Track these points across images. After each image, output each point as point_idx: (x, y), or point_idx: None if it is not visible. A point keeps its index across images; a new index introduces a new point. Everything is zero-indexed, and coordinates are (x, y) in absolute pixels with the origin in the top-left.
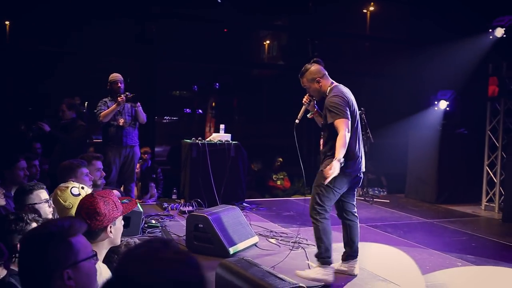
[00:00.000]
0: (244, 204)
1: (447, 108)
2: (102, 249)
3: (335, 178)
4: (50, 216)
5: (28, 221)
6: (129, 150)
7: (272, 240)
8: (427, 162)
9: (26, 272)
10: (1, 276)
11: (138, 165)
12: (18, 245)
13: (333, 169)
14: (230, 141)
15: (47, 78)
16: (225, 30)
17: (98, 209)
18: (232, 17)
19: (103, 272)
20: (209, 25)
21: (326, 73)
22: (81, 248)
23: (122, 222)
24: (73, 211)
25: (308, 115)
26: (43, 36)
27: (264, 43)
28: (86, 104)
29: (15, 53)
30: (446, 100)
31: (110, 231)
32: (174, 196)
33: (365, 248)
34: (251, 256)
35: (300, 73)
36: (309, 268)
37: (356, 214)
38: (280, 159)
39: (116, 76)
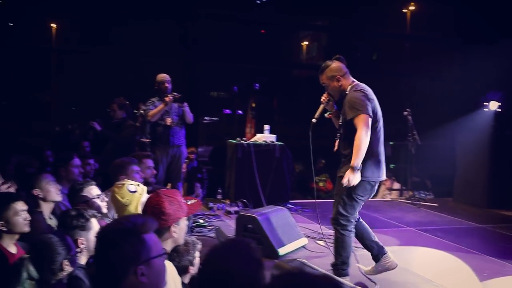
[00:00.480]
0: (288, 205)
1: (498, 109)
2: (165, 248)
3: (357, 185)
4: (105, 211)
5: (88, 216)
6: (176, 150)
7: (321, 242)
8: (477, 165)
9: (101, 266)
10: (68, 271)
11: (184, 165)
12: (78, 241)
13: (351, 180)
14: (275, 142)
15: (90, 79)
16: (262, 31)
17: (163, 208)
18: (272, 18)
19: (168, 269)
20: (249, 26)
21: (348, 72)
22: (153, 245)
23: (186, 222)
24: (131, 208)
25: (325, 115)
26: (88, 37)
27: (304, 43)
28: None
29: (61, 54)
30: (496, 101)
31: (174, 231)
32: (219, 196)
33: (416, 253)
34: (301, 258)
35: (320, 69)
36: (360, 271)
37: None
38: (323, 161)
39: (163, 76)
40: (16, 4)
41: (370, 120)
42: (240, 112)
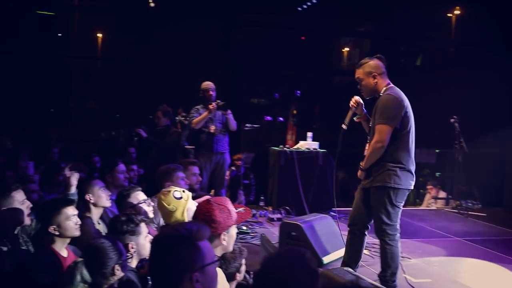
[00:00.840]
0: (331, 213)
1: None
2: None
3: (396, 193)
4: (151, 215)
5: (137, 221)
6: (219, 157)
7: (366, 251)
8: None
9: (158, 272)
10: (120, 276)
11: (227, 172)
12: (129, 245)
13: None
14: (318, 149)
15: (134, 87)
16: (303, 38)
17: (214, 216)
18: (313, 24)
19: (219, 277)
20: (290, 33)
21: (385, 73)
22: (207, 252)
23: (236, 230)
24: (177, 214)
25: (355, 118)
26: (132, 46)
27: (345, 50)
28: (179, 112)
29: (106, 63)
30: None
31: (224, 239)
32: (261, 203)
33: (465, 264)
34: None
35: (358, 64)
36: (407, 282)
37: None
38: None
39: (208, 84)
40: (64, 15)
41: (390, 131)
42: (281, 119)
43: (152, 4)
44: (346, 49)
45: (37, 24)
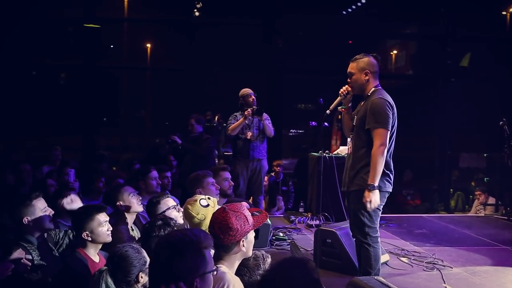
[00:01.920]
0: None
1: None
2: (234, 262)
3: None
4: (181, 221)
5: (173, 224)
6: (256, 164)
7: (404, 259)
8: None
9: (160, 272)
10: (144, 282)
11: (266, 178)
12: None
13: (373, 201)
14: None
15: (182, 94)
16: (350, 42)
17: (230, 224)
18: (358, 27)
19: (236, 285)
20: (334, 37)
21: (378, 72)
22: (210, 261)
23: (253, 234)
24: (207, 222)
25: (339, 108)
26: (177, 55)
27: (392, 53)
28: (216, 118)
29: (153, 72)
30: None
31: (243, 245)
32: (301, 209)
33: None
34: (382, 275)
35: (353, 57)
36: None
37: None
38: (410, 173)
39: (246, 90)
40: (114, 27)
41: (388, 134)
42: (326, 124)
43: (197, 13)
44: (393, 52)
45: (87, 37)
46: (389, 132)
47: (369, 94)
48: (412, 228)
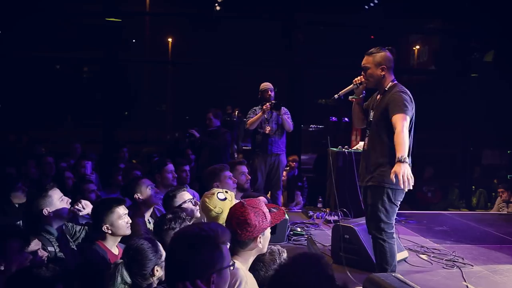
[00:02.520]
0: None
1: None
2: (249, 257)
3: (396, 193)
4: (198, 215)
5: (184, 217)
6: (274, 158)
7: (423, 256)
8: None
9: (177, 266)
10: (159, 276)
11: (284, 173)
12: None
13: (405, 173)
14: None
15: (200, 88)
16: (372, 37)
17: (249, 220)
18: (380, 22)
19: (249, 281)
20: (356, 32)
21: (393, 67)
22: (226, 255)
23: (270, 230)
24: (224, 215)
25: (350, 97)
26: (201, 49)
27: (414, 48)
28: (236, 112)
29: (175, 66)
30: None
31: (260, 241)
32: (319, 205)
33: None
34: (400, 272)
35: (369, 51)
36: None
37: None
38: (431, 170)
39: (266, 85)
40: (136, 21)
41: (408, 120)
42: (346, 119)
43: (218, 8)
44: (416, 47)
45: (109, 31)
46: (409, 118)
47: (386, 88)
48: (432, 225)
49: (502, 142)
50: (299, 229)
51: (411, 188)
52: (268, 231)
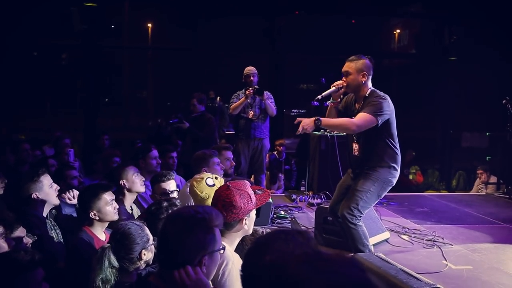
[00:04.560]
0: None
1: None
2: (235, 239)
3: (383, 186)
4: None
5: (178, 204)
6: (257, 143)
7: (405, 237)
8: None
9: (169, 248)
10: (147, 259)
11: (267, 156)
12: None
13: (306, 125)
14: None
15: (181, 74)
16: (353, 21)
17: (234, 202)
18: (361, 6)
19: (236, 262)
20: (337, 17)
21: (372, 75)
22: (218, 239)
23: (255, 212)
24: (209, 202)
25: (328, 102)
26: (179, 34)
27: (395, 32)
28: (218, 98)
29: (155, 52)
30: None
31: (245, 223)
32: (302, 188)
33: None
34: (382, 252)
35: (350, 58)
36: (446, 269)
37: None
38: (413, 153)
39: (249, 69)
40: (115, 6)
41: (372, 125)
42: (327, 103)
43: None
44: (397, 31)
45: (87, 17)
46: (373, 121)
47: (366, 95)
48: (413, 206)
49: (481, 124)
50: (282, 212)
51: (297, 132)
52: (253, 213)
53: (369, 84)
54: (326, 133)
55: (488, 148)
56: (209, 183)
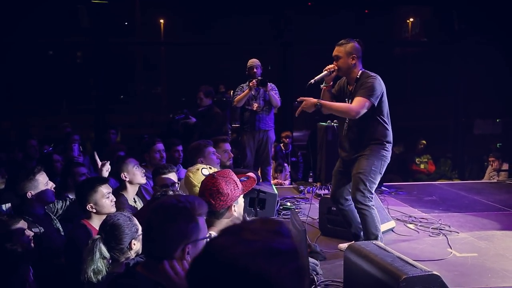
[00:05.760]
0: (382, 187)
1: None
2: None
3: (381, 163)
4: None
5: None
6: (262, 134)
7: (411, 226)
8: None
9: (153, 237)
10: (137, 249)
11: (272, 147)
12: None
13: (307, 106)
14: None
15: (195, 69)
16: (366, 11)
17: (221, 189)
18: None
19: None
20: (348, 7)
21: (361, 57)
22: (202, 228)
23: (243, 199)
24: None
25: (321, 85)
26: (191, 29)
27: (407, 20)
28: (231, 93)
29: (168, 48)
30: None
31: (234, 210)
32: (310, 179)
33: None
34: (387, 241)
35: (340, 42)
36: (451, 256)
37: None
38: (424, 142)
39: (253, 61)
40: (127, 3)
41: (368, 107)
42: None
43: None
44: (409, 19)
45: (97, 14)
46: (370, 103)
47: (358, 76)
48: (422, 195)
49: (492, 111)
50: (288, 204)
51: (297, 113)
52: (241, 199)
53: (359, 65)
54: (333, 123)
55: (502, 135)
56: (205, 173)
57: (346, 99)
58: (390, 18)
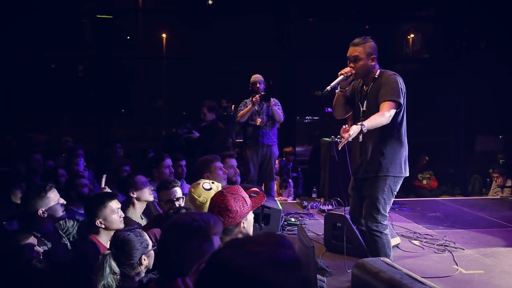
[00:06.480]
0: None
1: None
2: None
3: (395, 181)
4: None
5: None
6: (266, 150)
7: (416, 242)
8: None
9: (167, 256)
10: (147, 264)
11: (276, 162)
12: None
13: (353, 132)
14: None
15: (196, 83)
16: (367, 26)
17: (229, 206)
18: (373, 12)
19: None
20: (350, 22)
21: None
22: (217, 246)
23: (253, 216)
24: (207, 205)
25: (336, 90)
26: (195, 44)
27: (408, 36)
28: (233, 107)
29: (170, 62)
30: None
31: (243, 227)
32: (314, 195)
33: None
34: (392, 258)
35: (356, 41)
36: (457, 274)
37: None
38: (426, 157)
39: (256, 77)
40: (130, 18)
41: (396, 107)
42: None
43: (210, 1)
44: (410, 36)
45: (101, 28)
46: (399, 103)
47: (376, 76)
48: (425, 211)
49: (495, 128)
50: (293, 219)
51: (340, 141)
52: (250, 216)
53: (377, 66)
54: (336, 139)
55: (503, 151)
56: (206, 187)
57: (359, 102)
58: (391, 34)
